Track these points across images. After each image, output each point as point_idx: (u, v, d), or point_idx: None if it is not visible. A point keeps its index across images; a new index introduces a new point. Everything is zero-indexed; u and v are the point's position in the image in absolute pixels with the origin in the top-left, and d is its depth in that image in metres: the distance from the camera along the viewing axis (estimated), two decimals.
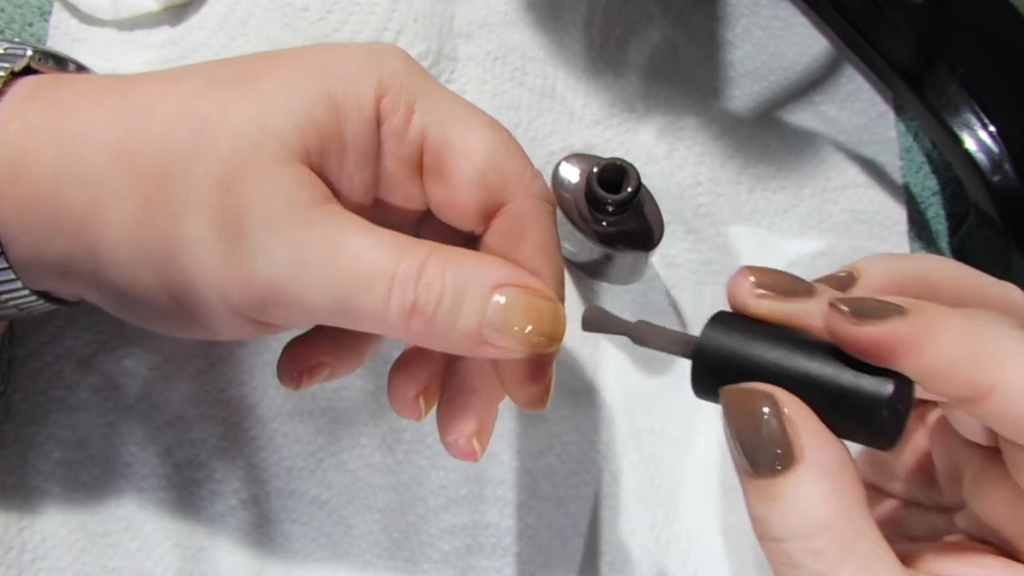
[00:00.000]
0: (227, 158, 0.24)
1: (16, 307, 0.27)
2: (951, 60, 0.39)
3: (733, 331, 0.22)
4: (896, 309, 0.20)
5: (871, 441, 0.21)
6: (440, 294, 0.24)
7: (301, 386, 0.28)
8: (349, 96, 0.25)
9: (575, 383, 0.36)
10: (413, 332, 0.24)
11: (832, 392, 0.20)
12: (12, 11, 0.38)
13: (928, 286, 0.25)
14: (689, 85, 0.41)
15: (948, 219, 0.41)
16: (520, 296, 0.24)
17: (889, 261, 0.25)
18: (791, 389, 0.21)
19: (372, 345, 0.30)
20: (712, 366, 0.22)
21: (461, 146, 0.26)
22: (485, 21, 0.40)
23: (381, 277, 0.23)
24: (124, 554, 0.33)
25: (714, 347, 0.22)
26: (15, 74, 0.26)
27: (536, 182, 0.27)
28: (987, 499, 0.23)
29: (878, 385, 0.20)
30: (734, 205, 0.39)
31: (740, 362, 0.21)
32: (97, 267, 0.25)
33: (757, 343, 0.21)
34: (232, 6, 0.39)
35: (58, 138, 0.24)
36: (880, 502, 0.29)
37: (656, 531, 0.35)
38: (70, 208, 0.24)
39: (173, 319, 0.26)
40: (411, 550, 0.34)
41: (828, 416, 0.21)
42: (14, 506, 0.33)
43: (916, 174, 0.41)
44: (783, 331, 0.22)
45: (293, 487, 0.34)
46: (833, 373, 0.21)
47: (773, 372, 0.21)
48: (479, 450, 0.27)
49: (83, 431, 0.33)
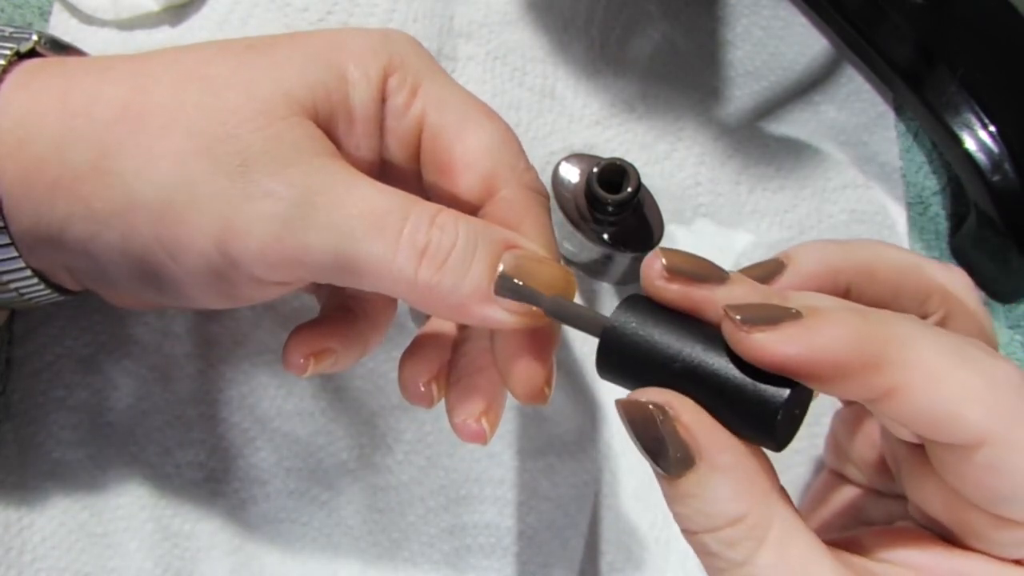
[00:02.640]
0: (236, 110, 0.24)
1: (16, 291, 0.27)
2: (951, 60, 0.39)
3: (643, 317, 0.22)
4: (789, 314, 0.20)
5: (761, 442, 0.21)
6: (453, 241, 0.23)
7: (307, 371, 0.28)
8: (358, 68, 0.26)
9: (575, 383, 0.36)
10: (419, 283, 0.23)
11: (730, 391, 0.21)
12: (12, 11, 0.38)
13: (863, 273, 0.25)
14: (689, 85, 0.41)
15: (948, 219, 0.41)
16: (532, 256, 0.24)
17: (822, 248, 0.25)
18: (691, 383, 0.21)
19: (379, 332, 0.30)
20: (617, 350, 0.22)
21: (458, 131, 0.26)
22: (485, 21, 0.40)
23: (394, 216, 0.23)
24: (124, 554, 0.33)
25: (621, 332, 0.22)
26: (20, 55, 0.26)
27: (529, 173, 0.27)
28: (922, 493, 0.24)
29: (774, 391, 0.20)
30: (734, 205, 0.39)
31: (644, 349, 0.21)
32: (94, 227, 0.25)
33: (663, 331, 0.21)
34: (232, 6, 0.39)
35: (64, 103, 0.24)
36: (843, 489, 0.30)
37: (656, 531, 0.35)
38: (73, 168, 0.24)
39: (165, 282, 0.25)
40: (411, 550, 0.34)
41: (724, 414, 0.21)
42: (14, 506, 0.33)
43: (916, 174, 0.41)
44: (692, 320, 0.21)
45: (293, 487, 0.34)
46: (732, 373, 0.20)
47: (674, 363, 0.21)
48: (488, 431, 0.26)
49: (83, 431, 0.33)
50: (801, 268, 0.24)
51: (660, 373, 0.21)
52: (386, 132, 0.27)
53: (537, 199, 0.27)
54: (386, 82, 0.26)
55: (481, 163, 0.26)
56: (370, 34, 0.27)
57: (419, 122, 0.27)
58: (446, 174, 0.27)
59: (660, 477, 0.21)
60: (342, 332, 0.29)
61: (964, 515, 0.22)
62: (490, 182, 0.26)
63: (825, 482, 0.31)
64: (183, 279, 0.25)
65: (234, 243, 0.24)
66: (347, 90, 0.25)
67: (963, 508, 0.22)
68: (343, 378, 0.35)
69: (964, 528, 0.22)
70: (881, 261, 0.25)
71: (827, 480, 0.31)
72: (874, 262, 0.25)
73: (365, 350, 0.30)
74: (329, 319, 0.29)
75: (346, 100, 0.25)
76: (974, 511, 0.22)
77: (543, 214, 0.27)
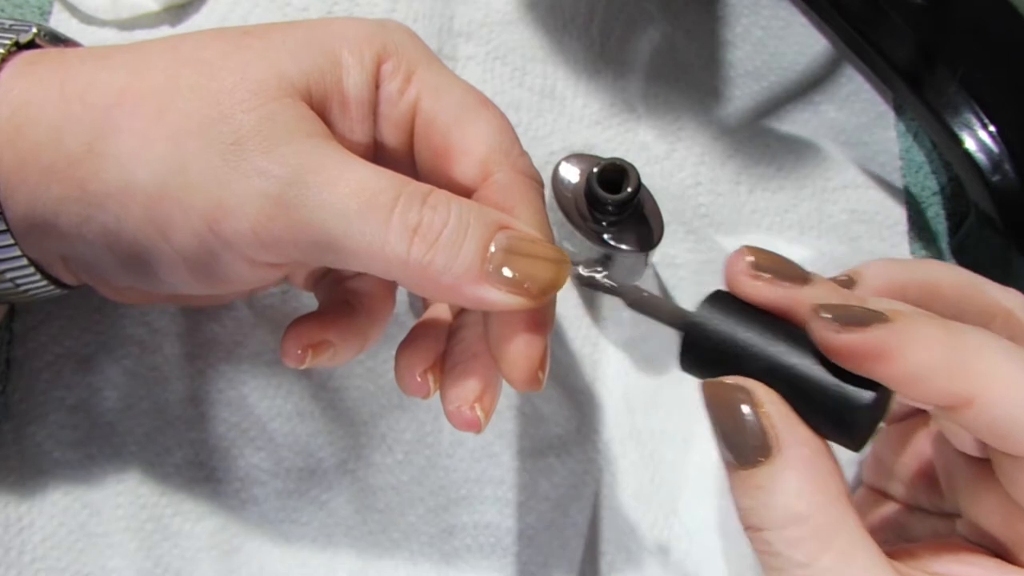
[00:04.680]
0: (230, 91, 0.24)
1: (12, 280, 0.27)
2: (951, 60, 0.39)
3: (727, 312, 0.22)
4: (878, 316, 0.20)
5: (841, 441, 0.21)
6: (445, 220, 0.23)
7: (304, 363, 0.28)
8: (352, 54, 0.26)
9: (575, 383, 0.36)
10: (411, 261, 0.23)
11: (813, 390, 0.21)
12: (12, 11, 0.38)
13: (927, 291, 0.25)
14: (689, 85, 0.41)
15: (948, 219, 0.41)
16: (524, 237, 0.24)
17: (889, 266, 0.25)
18: (774, 380, 0.21)
19: (377, 326, 0.30)
20: (702, 344, 0.22)
21: (453, 118, 0.26)
22: (485, 21, 0.40)
23: (386, 195, 0.23)
24: (124, 554, 0.33)
25: (706, 326, 0.22)
26: (20, 46, 0.26)
27: (523, 159, 0.27)
28: (980, 507, 0.24)
29: (858, 392, 0.20)
30: (734, 205, 0.39)
31: (729, 344, 0.21)
32: (87, 210, 0.25)
33: (747, 328, 0.21)
34: (232, 6, 0.39)
35: (62, 90, 0.24)
36: (882, 505, 0.29)
37: (656, 531, 0.35)
38: (67, 152, 0.24)
39: (158, 266, 0.25)
40: (411, 550, 0.34)
41: (805, 411, 0.21)
42: (14, 506, 0.33)
43: (916, 174, 0.41)
44: (775, 318, 0.22)
45: (293, 487, 0.34)
46: (817, 372, 0.21)
47: (758, 360, 0.21)
48: (483, 419, 0.26)
49: (83, 431, 0.33)
50: (869, 284, 0.25)
51: (743, 368, 0.21)
52: (380, 118, 0.27)
53: (531, 184, 0.27)
54: (380, 68, 0.26)
55: (477, 150, 0.26)
56: (365, 22, 0.27)
57: (413, 109, 0.27)
58: (441, 160, 0.27)
59: (731, 467, 0.21)
60: (341, 325, 0.29)
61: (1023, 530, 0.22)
62: (484, 167, 0.26)
63: (863, 498, 0.30)
64: (176, 261, 0.25)
65: (226, 222, 0.24)
66: (341, 74, 0.26)
67: (1022, 523, 0.22)
68: (343, 378, 0.35)
69: (1022, 543, 0.22)
70: (944, 280, 0.25)
71: (865, 496, 0.30)
72: (937, 281, 0.25)
73: (364, 344, 0.30)
74: (328, 312, 0.29)
75: (340, 84, 0.26)
76: None
77: (537, 198, 0.27)
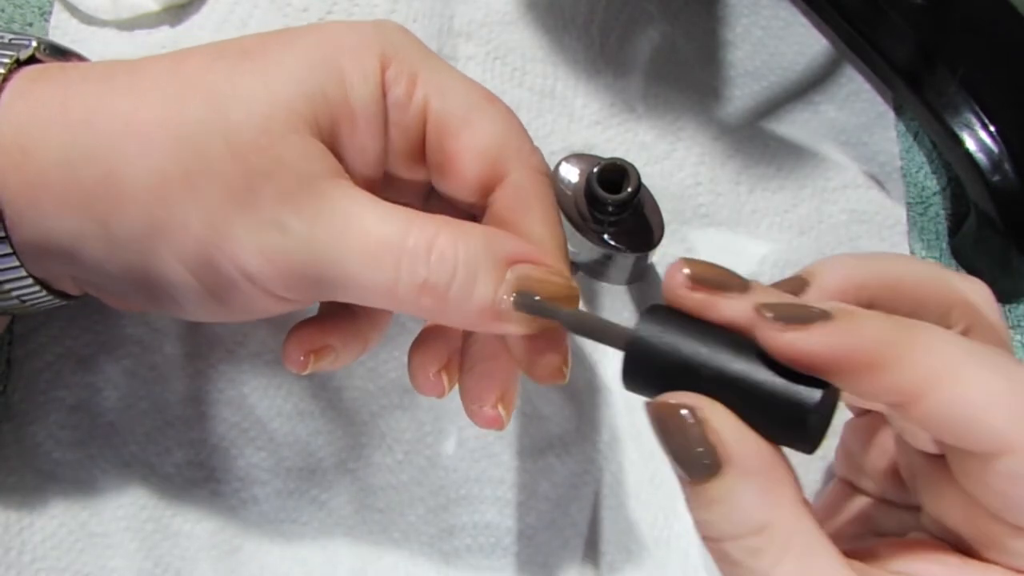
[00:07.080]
0: (239, 128, 0.24)
1: (18, 298, 0.27)
2: (951, 60, 0.39)
3: (667, 326, 0.21)
4: (820, 314, 0.20)
5: (794, 445, 0.21)
6: (453, 270, 0.24)
7: (307, 368, 0.28)
8: (354, 66, 0.26)
9: (575, 383, 0.36)
10: (424, 308, 0.24)
11: (760, 396, 0.20)
12: (12, 11, 0.38)
13: (887, 286, 0.25)
14: (689, 85, 0.41)
15: (948, 219, 0.41)
16: (533, 271, 0.24)
17: (844, 262, 0.25)
18: (722, 389, 0.21)
19: (378, 330, 0.30)
20: (644, 362, 0.22)
21: (462, 117, 0.26)
22: (485, 21, 0.40)
23: (389, 252, 0.23)
24: (124, 554, 0.33)
25: (647, 342, 0.21)
26: (20, 62, 0.26)
27: (535, 156, 0.27)
28: (941, 503, 0.23)
29: (807, 391, 0.20)
30: (734, 205, 0.39)
31: (672, 359, 0.21)
32: (108, 245, 0.25)
33: (690, 340, 0.21)
34: (232, 6, 0.39)
35: (64, 113, 0.24)
36: (854, 498, 0.30)
37: (656, 531, 0.35)
38: (80, 183, 0.24)
39: (176, 299, 0.26)
40: (411, 550, 0.34)
41: (756, 417, 0.21)
42: (14, 506, 0.33)
43: (916, 174, 0.41)
44: (718, 328, 0.21)
45: (293, 487, 0.34)
46: (763, 375, 0.20)
47: (703, 371, 0.21)
48: (504, 416, 0.27)
49: (83, 431, 0.33)
50: (824, 285, 0.24)
51: (688, 381, 0.21)
52: (390, 126, 0.27)
53: (545, 182, 0.27)
54: (384, 75, 0.26)
55: (488, 149, 0.26)
56: (361, 27, 0.27)
57: (423, 111, 0.27)
58: (453, 161, 0.27)
59: (684, 482, 0.21)
60: (342, 329, 0.29)
61: (983, 525, 0.22)
62: (498, 166, 0.26)
63: (836, 491, 0.30)
64: (199, 293, 0.25)
65: (247, 264, 0.24)
66: (345, 91, 0.25)
67: (982, 518, 0.22)
68: (343, 378, 0.35)
69: (982, 539, 0.22)
70: (903, 274, 0.25)
71: (838, 489, 0.30)
72: (896, 275, 0.25)
73: (365, 347, 0.30)
74: (328, 316, 0.29)
75: (346, 102, 0.25)
76: (993, 521, 0.21)
77: (550, 197, 0.27)
